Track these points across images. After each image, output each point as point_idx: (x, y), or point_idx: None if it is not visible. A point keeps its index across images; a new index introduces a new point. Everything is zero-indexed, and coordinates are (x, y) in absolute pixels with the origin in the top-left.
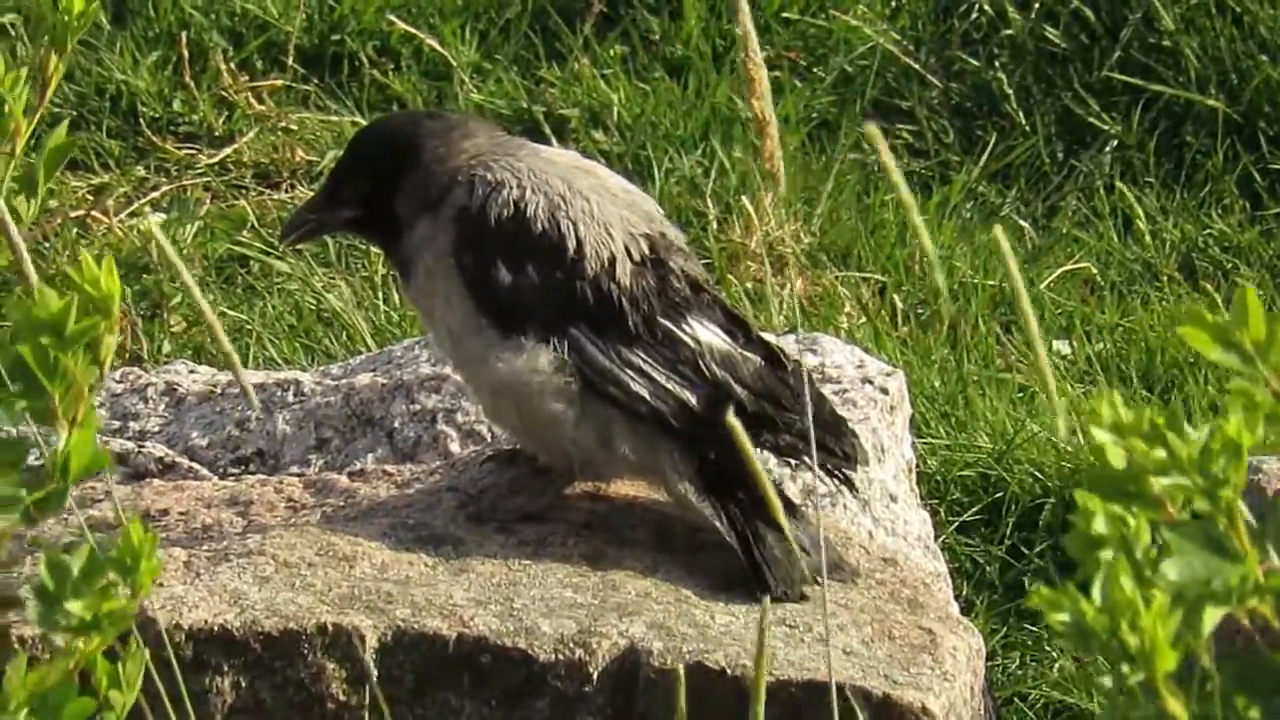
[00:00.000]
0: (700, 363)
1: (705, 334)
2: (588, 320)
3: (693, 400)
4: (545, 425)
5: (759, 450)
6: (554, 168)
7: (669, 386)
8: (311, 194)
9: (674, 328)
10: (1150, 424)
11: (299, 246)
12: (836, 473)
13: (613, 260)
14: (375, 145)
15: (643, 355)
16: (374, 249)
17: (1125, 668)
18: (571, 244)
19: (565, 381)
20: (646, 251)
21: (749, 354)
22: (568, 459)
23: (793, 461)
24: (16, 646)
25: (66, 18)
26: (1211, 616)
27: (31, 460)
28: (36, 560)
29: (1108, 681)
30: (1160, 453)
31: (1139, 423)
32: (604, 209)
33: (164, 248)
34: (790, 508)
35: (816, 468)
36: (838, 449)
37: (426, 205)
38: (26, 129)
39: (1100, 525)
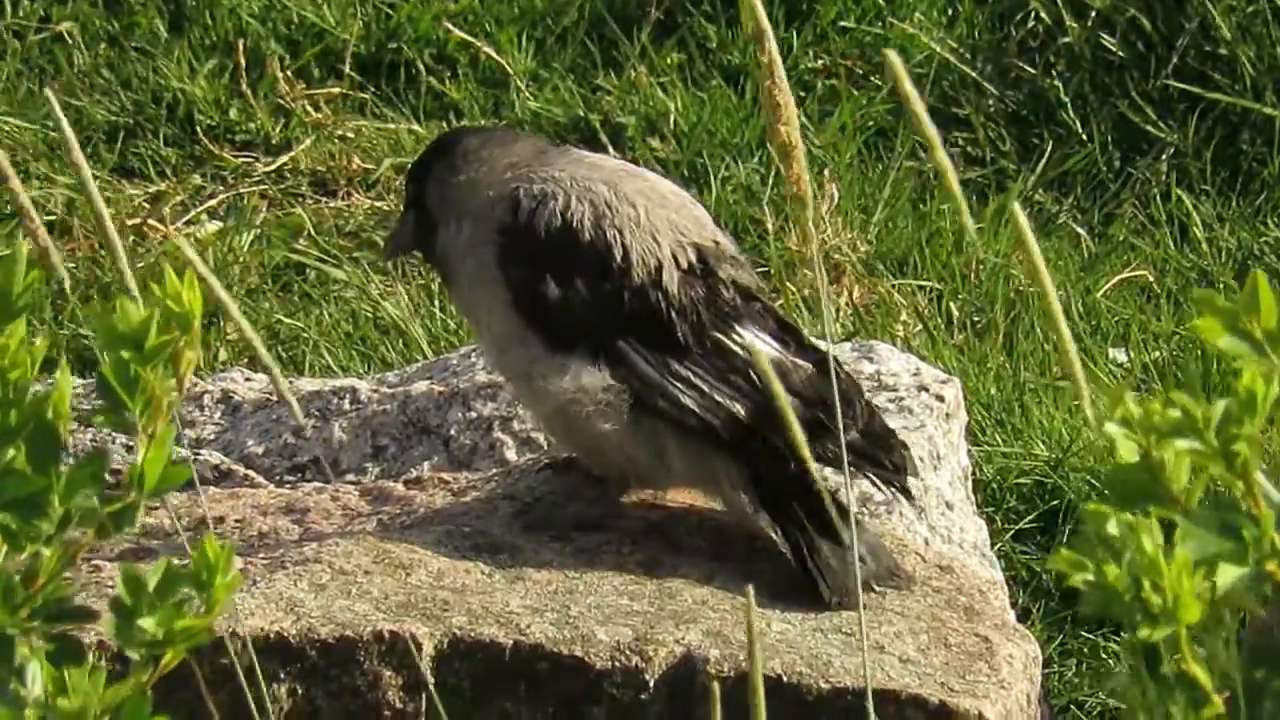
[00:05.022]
0: (751, 372)
1: (755, 343)
2: (636, 333)
3: (742, 412)
4: (595, 442)
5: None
6: (598, 172)
7: (718, 399)
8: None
9: (723, 338)
10: (1165, 397)
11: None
12: (894, 483)
13: (659, 268)
14: (423, 153)
15: (692, 367)
16: None
17: (1147, 629)
18: (618, 253)
19: (615, 398)
20: (694, 260)
21: (800, 361)
22: (620, 472)
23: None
24: (91, 656)
25: None
26: (1226, 575)
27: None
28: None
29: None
30: (1174, 413)
31: (1152, 410)
32: (651, 214)
33: (196, 265)
34: (847, 515)
35: (873, 478)
36: (887, 461)
37: (463, 211)
38: None
39: (1113, 528)
